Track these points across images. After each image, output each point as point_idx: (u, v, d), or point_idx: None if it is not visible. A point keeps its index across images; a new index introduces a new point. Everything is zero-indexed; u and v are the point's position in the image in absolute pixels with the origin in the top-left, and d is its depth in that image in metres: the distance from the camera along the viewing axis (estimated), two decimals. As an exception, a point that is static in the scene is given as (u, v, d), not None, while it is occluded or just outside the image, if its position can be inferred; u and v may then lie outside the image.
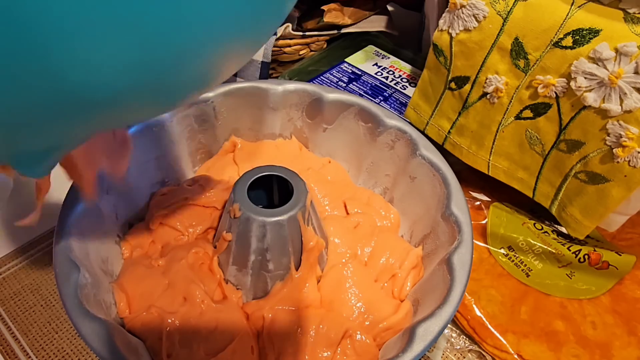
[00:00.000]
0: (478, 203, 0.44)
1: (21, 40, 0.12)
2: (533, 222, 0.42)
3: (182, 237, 0.37)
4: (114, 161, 0.27)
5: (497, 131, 0.40)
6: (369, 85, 0.52)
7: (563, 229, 0.41)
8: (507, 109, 0.38)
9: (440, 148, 0.38)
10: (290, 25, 0.51)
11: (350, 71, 0.53)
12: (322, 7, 0.53)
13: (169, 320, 0.31)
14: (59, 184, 0.34)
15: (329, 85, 0.53)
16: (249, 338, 0.31)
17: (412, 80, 0.53)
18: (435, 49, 0.40)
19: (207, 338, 0.31)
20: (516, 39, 0.36)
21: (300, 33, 0.53)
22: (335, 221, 0.38)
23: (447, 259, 0.31)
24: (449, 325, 0.37)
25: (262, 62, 0.51)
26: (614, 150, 0.34)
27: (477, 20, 0.37)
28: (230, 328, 0.31)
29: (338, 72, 0.53)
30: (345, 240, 0.37)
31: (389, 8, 0.60)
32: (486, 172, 0.42)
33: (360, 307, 0.33)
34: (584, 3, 0.34)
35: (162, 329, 0.30)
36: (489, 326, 0.36)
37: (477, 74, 0.39)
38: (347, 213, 0.40)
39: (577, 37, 0.33)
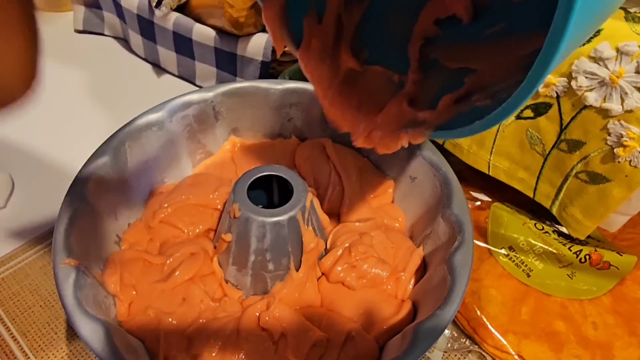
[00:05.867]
0: (478, 203, 0.44)
1: None
2: (534, 222, 0.42)
3: (181, 235, 0.36)
4: None
5: (497, 131, 0.40)
6: (369, 85, 0.52)
7: (564, 229, 0.41)
8: (508, 108, 0.38)
9: (440, 148, 0.38)
10: (290, 24, 0.51)
11: (350, 71, 0.53)
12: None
13: (167, 321, 0.31)
14: (58, 183, 0.34)
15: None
16: (249, 338, 0.31)
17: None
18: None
19: (207, 338, 0.31)
20: (517, 38, 0.36)
21: (300, 33, 0.52)
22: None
23: (448, 259, 0.31)
24: (449, 326, 0.37)
25: (262, 61, 0.51)
26: (615, 150, 0.34)
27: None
28: (230, 328, 0.31)
29: (338, 71, 0.53)
30: (347, 241, 0.37)
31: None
32: (487, 172, 0.42)
33: (361, 307, 0.33)
34: (585, 2, 0.34)
35: (160, 330, 0.30)
36: (490, 326, 0.36)
37: (478, 73, 0.39)
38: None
39: (578, 36, 0.33)
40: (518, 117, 0.38)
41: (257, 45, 0.50)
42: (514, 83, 0.19)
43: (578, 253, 0.40)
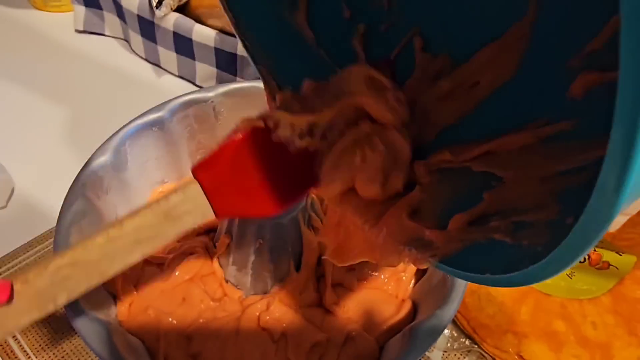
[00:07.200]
0: (478, 203, 0.44)
1: None
2: (533, 222, 0.42)
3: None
4: None
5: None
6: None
7: (563, 229, 0.41)
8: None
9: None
10: (290, 25, 0.51)
11: (350, 71, 0.53)
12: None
13: (167, 321, 0.31)
14: (57, 183, 0.34)
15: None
16: (249, 338, 0.31)
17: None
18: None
19: (207, 338, 0.31)
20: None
21: (300, 33, 0.52)
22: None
23: (448, 259, 0.31)
24: (449, 326, 0.37)
25: (262, 62, 0.51)
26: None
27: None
28: (230, 328, 0.31)
29: (338, 72, 0.53)
30: (346, 241, 0.37)
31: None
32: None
33: (361, 307, 0.33)
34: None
35: (160, 329, 0.30)
36: (489, 326, 0.36)
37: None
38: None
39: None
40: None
41: (257, 45, 0.50)
42: (544, 222, 0.14)
43: (578, 253, 0.40)
